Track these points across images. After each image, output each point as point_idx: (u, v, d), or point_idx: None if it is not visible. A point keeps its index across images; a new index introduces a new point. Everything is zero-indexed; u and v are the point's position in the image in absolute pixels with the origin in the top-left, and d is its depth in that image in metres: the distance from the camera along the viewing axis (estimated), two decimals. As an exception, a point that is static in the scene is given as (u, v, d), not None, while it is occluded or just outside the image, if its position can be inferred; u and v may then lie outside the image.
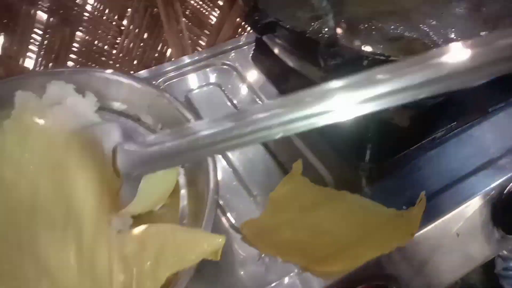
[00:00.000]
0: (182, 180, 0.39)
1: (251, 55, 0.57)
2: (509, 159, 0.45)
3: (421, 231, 0.39)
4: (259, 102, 0.52)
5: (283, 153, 0.46)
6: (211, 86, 0.54)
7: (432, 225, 0.39)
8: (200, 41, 0.88)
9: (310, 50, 0.36)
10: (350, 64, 0.32)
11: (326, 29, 0.29)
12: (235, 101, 0.52)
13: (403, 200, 0.41)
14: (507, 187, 0.43)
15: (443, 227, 0.40)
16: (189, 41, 0.86)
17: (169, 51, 0.87)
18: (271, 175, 0.44)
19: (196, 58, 0.57)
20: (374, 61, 0.32)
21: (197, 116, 0.49)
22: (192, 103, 0.51)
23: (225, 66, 0.56)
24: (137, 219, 0.32)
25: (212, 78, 0.55)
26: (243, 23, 0.67)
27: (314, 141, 0.47)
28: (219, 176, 0.44)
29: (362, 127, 0.46)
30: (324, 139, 0.46)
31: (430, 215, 0.40)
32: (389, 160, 0.44)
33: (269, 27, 0.35)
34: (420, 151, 0.45)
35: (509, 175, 0.43)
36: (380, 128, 0.45)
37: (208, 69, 0.56)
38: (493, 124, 0.48)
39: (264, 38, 0.42)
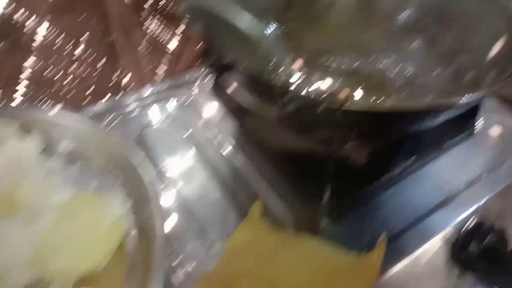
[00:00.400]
0: (133, 232, 0.37)
1: (211, 87, 0.55)
2: (466, 195, 0.45)
3: (383, 276, 0.38)
4: (218, 138, 0.50)
5: (241, 193, 0.44)
6: (168, 121, 0.52)
7: (394, 269, 0.39)
8: (159, 70, 0.86)
9: (266, 93, 0.35)
10: (305, 110, 0.31)
11: (281, 74, 0.28)
12: (193, 136, 0.50)
13: (365, 241, 0.41)
14: (465, 224, 0.43)
15: (405, 270, 0.40)
16: (147, 69, 0.84)
17: (125, 80, 0.84)
18: (229, 218, 0.42)
19: (152, 90, 0.55)
20: (328, 110, 0.31)
21: (151, 155, 0.47)
22: (146, 140, 0.49)
23: (183, 99, 0.54)
24: (78, 282, 0.30)
25: (169, 112, 0.53)
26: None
27: (274, 180, 0.45)
28: (173, 221, 0.42)
29: (320, 166, 0.45)
30: (284, 177, 0.45)
31: (391, 259, 0.39)
32: (348, 199, 0.44)
33: (225, 68, 0.34)
34: (378, 190, 0.45)
35: (466, 212, 0.44)
36: (338, 166, 0.45)
37: (164, 102, 0.54)
38: (449, 159, 0.49)
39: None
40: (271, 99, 0.32)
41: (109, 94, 0.81)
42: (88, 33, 0.70)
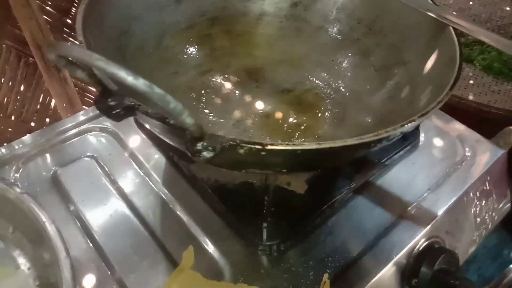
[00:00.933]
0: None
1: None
2: (415, 215, 0.43)
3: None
4: (144, 175, 0.45)
5: (171, 239, 0.40)
6: (87, 159, 0.46)
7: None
8: (90, 87, 0.80)
9: (178, 137, 0.30)
10: (224, 155, 0.27)
11: (187, 127, 0.24)
12: (114, 176, 0.44)
13: (311, 278, 0.37)
14: (415, 247, 0.41)
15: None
16: (76, 89, 0.77)
17: (53, 102, 0.78)
18: (157, 268, 0.37)
19: (68, 124, 0.49)
20: (250, 150, 0.27)
21: (65, 200, 0.42)
22: (60, 182, 0.43)
23: (103, 133, 0.49)
24: None
25: (87, 148, 0.47)
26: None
27: (207, 220, 0.41)
28: (86, 276, 0.36)
29: (258, 199, 0.41)
30: (218, 216, 0.41)
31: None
32: (289, 234, 0.40)
33: (127, 112, 0.29)
34: (321, 219, 0.41)
35: (416, 234, 0.41)
36: (276, 197, 0.41)
37: (82, 137, 0.48)
38: (395, 177, 0.46)
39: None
40: (183, 145, 0.27)
41: (36, 119, 0.74)
42: (1, 56, 0.63)
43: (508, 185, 0.52)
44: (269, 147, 0.27)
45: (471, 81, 0.89)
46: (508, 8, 1.03)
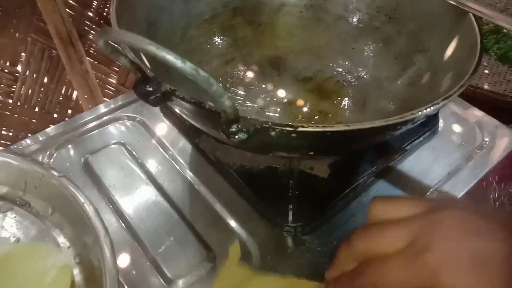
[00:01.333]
0: (78, 278, 0.34)
1: (159, 106, 0.52)
2: (435, 197, 0.44)
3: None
4: (171, 160, 0.47)
5: (199, 220, 0.41)
6: (116, 146, 0.48)
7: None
8: (110, 79, 0.81)
9: (212, 122, 0.32)
10: (256, 137, 0.29)
11: (225, 101, 0.25)
12: (143, 161, 0.46)
13: (331, 260, 0.39)
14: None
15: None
16: (97, 81, 0.79)
17: (75, 94, 0.80)
18: (188, 248, 0.39)
19: (98, 113, 0.51)
20: (282, 133, 0.28)
21: (97, 184, 0.44)
22: (91, 168, 0.45)
23: (129, 122, 0.50)
24: None
25: (116, 135, 0.49)
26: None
27: (234, 203, 0.43)
28: (125, 260, 0.38)
29: (282, 183, 0.42)
30: (244, 200, 0.43)
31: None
32: (314, 215, 0.41)
33: (163, 98, 0.30)
34: (344, 202, 0.43)
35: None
36: (300, 181, 0.43)
37: (111, 125, 0.50)
38: (415, 162, 0.47)
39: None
40: (218, 131, 0.29)
41: (59, 111, 0.76)
42: (27, 49, 0.65)
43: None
44: (300, 129, 0.28)
45: (486, 71, 0.89)
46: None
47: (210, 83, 0.22)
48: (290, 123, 0.28)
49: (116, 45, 0.26)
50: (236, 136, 0.28)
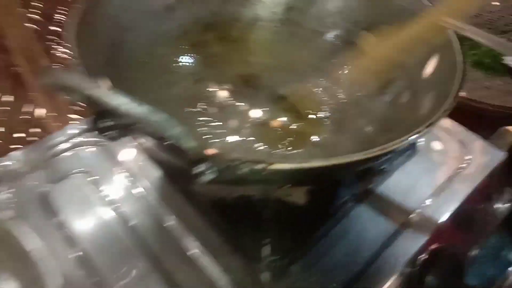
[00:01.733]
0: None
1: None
2: (418, 222, 0.42)
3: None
4: (140, 189, 0.43)
5: (168, 256, 0.38)
6: (79, 175, 0.44)
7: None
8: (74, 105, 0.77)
9: (178, 158, 0.29)
10: (227, 175, 0.26)
11: (189, 149, 0.22)
12: (107, 193, 0.43)
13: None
14: (419, 255, 0.40)
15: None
16: (65, 97, 0.75)
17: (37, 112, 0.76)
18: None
19: (60, 140, 0.47)
20: (255, 169, 0.26)
21: (57, 217, 0.40)
22: (49, 202, 0.42)
23: (93, 148, 0.47)
24: None
25: (78, 163, 0.45)
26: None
27: (206, 236, 0.40)
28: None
29: (258, 212, 0.40)
30: (218, 233, 0.40)
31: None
32: (291, 247, 0.39)
33: (124, 131, 0.27)
34: (324, 229, 0.40)
35: (420, 241, 0.40)
36: (277, 209, 0.40)
37: (72, 153, 0.46)
38: (394, 183, 0.45)
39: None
40: (185, 165, 0.26)
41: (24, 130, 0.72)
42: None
43: (509, 184, 0.52)
44: (273, 166, 0.26)
45: (463, 77, 0.89)
46: (497, 3, 1.03)
47: (164, 127, 0.20)
48: (262, 160, 0.26)
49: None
50: (203, 176, 0.25)
